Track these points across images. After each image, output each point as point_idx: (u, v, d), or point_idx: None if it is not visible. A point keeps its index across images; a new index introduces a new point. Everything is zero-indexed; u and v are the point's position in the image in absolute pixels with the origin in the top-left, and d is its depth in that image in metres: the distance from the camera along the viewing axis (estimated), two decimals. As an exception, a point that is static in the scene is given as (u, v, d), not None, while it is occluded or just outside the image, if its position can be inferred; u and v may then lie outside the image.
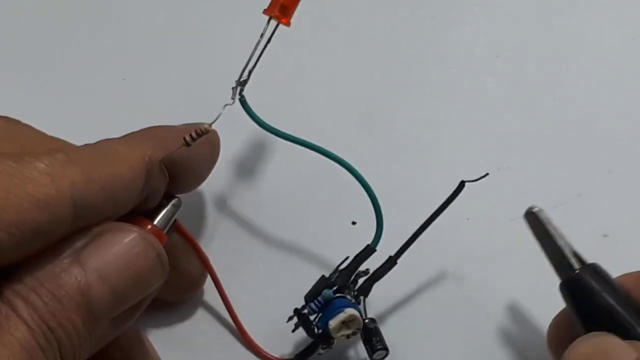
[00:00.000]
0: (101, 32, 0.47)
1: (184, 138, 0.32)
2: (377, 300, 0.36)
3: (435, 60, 0.44)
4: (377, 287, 0.34)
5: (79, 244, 0.28)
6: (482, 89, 0.43)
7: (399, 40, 0.45)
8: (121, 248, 0.28)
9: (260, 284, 0.38)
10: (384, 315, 0.37)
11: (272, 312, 0.36)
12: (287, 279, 0.38)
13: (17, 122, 0.33)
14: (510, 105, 0.43)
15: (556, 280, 0.32)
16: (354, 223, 0.39)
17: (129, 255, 0.28)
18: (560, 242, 0.32)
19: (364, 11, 0.46)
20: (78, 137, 0.32)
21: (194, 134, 0.32)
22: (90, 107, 0.44)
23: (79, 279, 0.27)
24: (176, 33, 0.46)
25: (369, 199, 0.34)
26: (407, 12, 0.46)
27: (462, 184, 0.34)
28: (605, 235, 0.38)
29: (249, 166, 0.40)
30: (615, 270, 0.31)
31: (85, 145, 0.31)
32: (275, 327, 0.35)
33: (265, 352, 0.36)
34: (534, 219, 0.32)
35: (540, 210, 0.32)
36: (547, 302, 0.32)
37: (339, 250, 0.38)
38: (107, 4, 0.48)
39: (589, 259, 0.32)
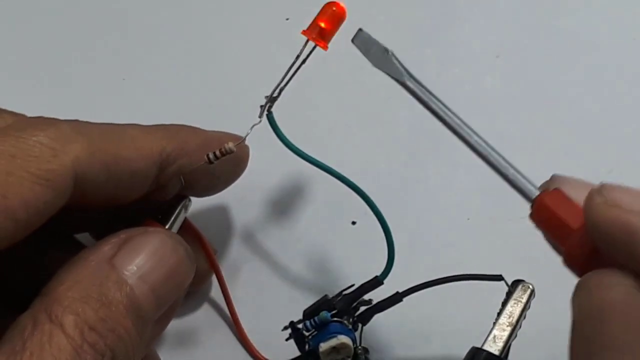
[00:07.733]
0: (101, 32, 0.47)
1: (208, 155, 0.31)
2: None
3: (435, 60, 0.44)
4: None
5: (107, 252, 0.28)
6: (482, 89, 0.43)
7: (398, 41, 0.45)
8: (152, 248, 0.28)
9: (260, 283, 0.38)
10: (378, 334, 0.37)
11: (270, 311, 0.37)
12: (286, 278, 0.38)
13: None
14: (510, 105, 0.43)
15: (556, 280, 0.32)
16: (353, 223, 0.39)
17: (160, 254, 0.28)
18: None
19: (363, 11, 0.46)
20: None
21: (218, 153, 0.31)
22: (91, 107, 0.44)
23: (120, 283, 0.27)
24: (176, 33, 0.46)
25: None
26: (407, 12, 0.46)
27: None
28: (605, 235, 0.38)
29: (250, 166, 0.40)
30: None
31: (103, 123, 0.30)
32: (271, 327, 0.35)
33: (257, 351, 0.36)
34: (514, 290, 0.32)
35: (528, 286, 0.32)
36: (547, 301, 0.32)
37: (339, 250, 0.38)
38: (107, 4, 0.48)
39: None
